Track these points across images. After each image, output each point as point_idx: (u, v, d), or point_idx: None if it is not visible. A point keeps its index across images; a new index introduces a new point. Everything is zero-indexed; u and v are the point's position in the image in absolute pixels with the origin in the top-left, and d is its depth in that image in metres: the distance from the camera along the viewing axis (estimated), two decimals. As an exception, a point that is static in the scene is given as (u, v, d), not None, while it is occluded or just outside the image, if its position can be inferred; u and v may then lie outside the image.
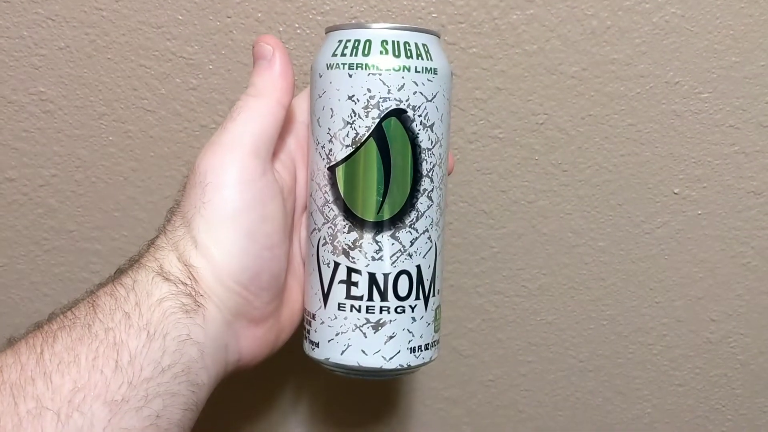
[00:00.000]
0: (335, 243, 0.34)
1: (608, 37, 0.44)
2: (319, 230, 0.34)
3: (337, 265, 0.34)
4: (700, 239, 0.48)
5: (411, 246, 0.34)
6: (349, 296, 0.34)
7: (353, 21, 0.44)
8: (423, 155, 0.33)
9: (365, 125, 0.33)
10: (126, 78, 0.45)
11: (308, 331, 0.35)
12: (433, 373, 0.50)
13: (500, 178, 0.47)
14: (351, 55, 0.33)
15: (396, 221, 0.33)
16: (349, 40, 0.33)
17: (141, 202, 0.47)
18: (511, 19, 0.44)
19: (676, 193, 0.47)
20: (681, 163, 0.46)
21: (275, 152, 0.34)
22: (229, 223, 0.32)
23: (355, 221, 0.33)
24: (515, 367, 0.50)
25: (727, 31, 0.44)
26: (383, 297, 0.33)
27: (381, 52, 0.32)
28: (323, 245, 0.34)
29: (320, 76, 0.34)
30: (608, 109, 0.45)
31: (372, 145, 0.33)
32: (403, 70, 0.32)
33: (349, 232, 0.33)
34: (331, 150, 0.33)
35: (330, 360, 0.34)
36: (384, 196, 0.33)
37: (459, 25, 0.44)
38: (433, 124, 0.34)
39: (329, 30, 0.35)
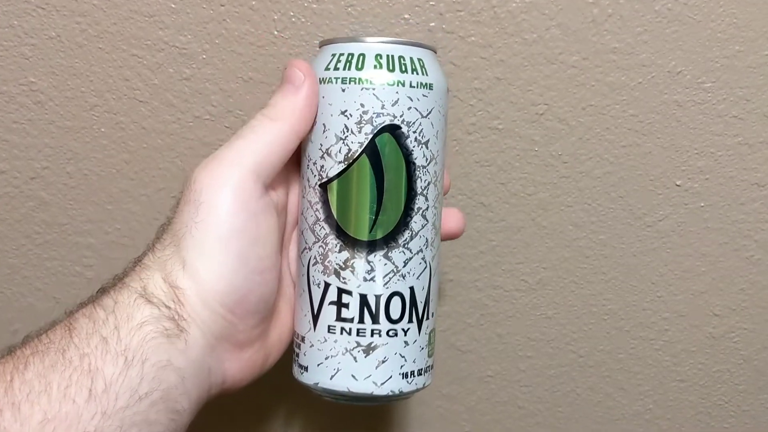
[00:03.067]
0: (326, 263, 0.33)
1: (609, 26, 0.44)
2: (310, 249, 0.33)
3: (327, 285, 0.33)
4: (703, 232, 0.47)
5: (404, 267, 0.33)
6: (339, 318, 0.33)
7: (347, 32, 0.43)
8: (417, 173, 0.33)
9: (358, 141, 0.32)
10: (118, 68, 0.44)
11: (297, 355, 0.34)
12: (431, 368, 0.49)
13: (499, 170, 0.46)
14: (344, 69, 0.32)
15: (389, 241, 0.32)
16: (342, 54, 0.32)
17: (134, 194, 0.46)
18: (511, 7, 0.43)
19: (678, 185, 0.46)
20: (683, 154, 0.46)
21: None
22: (220, 244, 0.30)
23: (347, 240, 0.32)
24: (515, 362, 0.49)
25: (731, 20, 0.44)
26: (375, 319, 0.32)
27: (375, 66, 0.32)
28: (314, 265, 0.33)
29: None
30: (609, 100, 0.45)
31: (365, 161, 0.32)
32: (398, 85, 0.32)
33: (340, 252, 0.32)
34: (322, 166, 0.33)
35: (319, 385, 0.33)
36: (377, 214, 0.32)
37: (457, 13, 0.43)
38: (428, 140, 0.33)
39: (323, 44, 0.34)
